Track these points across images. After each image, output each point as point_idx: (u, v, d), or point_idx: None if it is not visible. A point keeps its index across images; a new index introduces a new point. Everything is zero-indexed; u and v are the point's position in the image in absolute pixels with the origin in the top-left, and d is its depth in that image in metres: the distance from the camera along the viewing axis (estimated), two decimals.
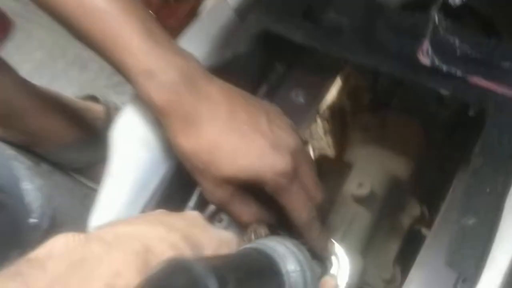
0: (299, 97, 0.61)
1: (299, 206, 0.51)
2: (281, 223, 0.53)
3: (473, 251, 0.41)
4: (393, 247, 0.65)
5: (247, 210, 0.52)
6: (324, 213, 0.57)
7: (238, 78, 0.52)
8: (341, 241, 0.59)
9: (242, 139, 0.49)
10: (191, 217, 0.43)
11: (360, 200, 0.61)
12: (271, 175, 0.48)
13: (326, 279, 0.51)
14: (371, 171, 0.62)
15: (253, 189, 0.50)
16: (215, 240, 0.41)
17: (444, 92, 0.46)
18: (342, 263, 0.54)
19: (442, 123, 0.62)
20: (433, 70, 0.46)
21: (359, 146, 0.64)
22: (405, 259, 0.68)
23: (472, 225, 0.41)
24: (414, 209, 0.65)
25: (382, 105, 0.67)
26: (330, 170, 0.65)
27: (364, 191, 0.60)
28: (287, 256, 0.38)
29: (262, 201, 0.52)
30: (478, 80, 0.46)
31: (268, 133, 0.49)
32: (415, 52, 0.47)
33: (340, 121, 0.74)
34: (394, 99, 0.66)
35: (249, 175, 0.48)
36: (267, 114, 0.51)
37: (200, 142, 0.48)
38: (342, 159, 0.66)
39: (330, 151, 0.76)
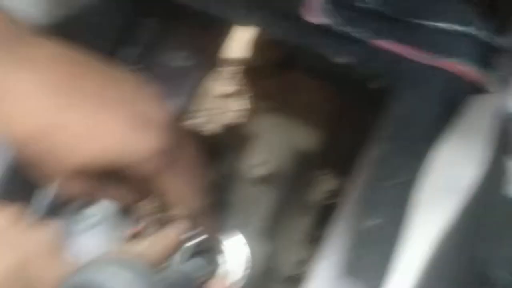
0: (179, 60, 0.50)
1: (182, 196, 0.43)
2: None
3: (377, 257, 0.34)
4: (305, 226, 0.59)
5: (118, 194, 0.43)
6: (215, 200, 0.49)
7: (89, 40, 0.40)
8: (241, 226, 0.53)
9: (90, 116, 0.37)
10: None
11: (262, 180, 0.53)
12: (137, 157, 0.38)
13: (216, 283, 0.44)
14: (275, 144, 0.55)
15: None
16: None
17: (340, 60, 0.37)
18: (239, 254, 0.47)
19: (353, 88, 0.54)
20: (326, 31, 0.37)
21: (261, 116, 0.56)
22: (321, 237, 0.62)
23: (377, 226, 0.34)
24: (326, 184, 0.58)
25: (288, 66, 0.58)
26: (228, 144, 0.56)
27: (266, 170, 0.52)
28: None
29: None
30: (384, 44, 0.37)
31: (127, 106, 0.39)
32: (302, 8, 0.38)
33: (244, 83, 0.65)
34: (300, 59, 0.57)
35: (110, 160, 0.38)
36: (123, 84, 0.40)
37: (38, 122, 0.37)
38: (243, 131, 0.57)
39: (227, 121, 0.67)
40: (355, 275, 0.35)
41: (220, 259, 0.48)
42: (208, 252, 0.48)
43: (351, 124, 0.58)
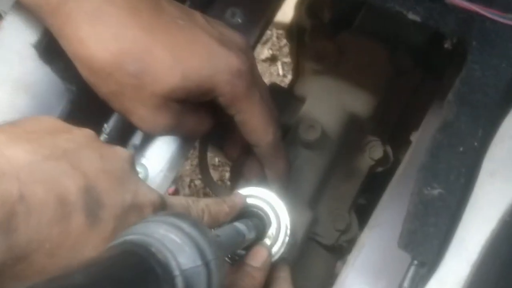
0: (235, 17, 0.48)
1: (263, 123, 0.41)
2: None
3: (435, 229, 0.32)
4: (349, 194, 0.56)
5: (201, 122, 0.41)
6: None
7: None
8: (285, 192, 0.51)
9: (179, 36, 0.36)
10: (107, 155, 0.30)
11: (309, 145, 0.51)
12: (227, 77, 0.37)
13: (257, 249, 0.43)
14: (325, 108, 0.52)
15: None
16: (122, 200, 0.30)
17: (413, 17, 0.34)
18: (282, 220, 0.46)
19: (413, 50, 0.50)
20: None
21: (312, 77, 0.53)
22: (365, 206, 0.60)
23: (437, 197, 0.32)
24: (376, 151, 0.55)
25: (343, 27, 0.54)
26: (277, 105, 0.54)
27: (314, 135, 0.50)
28: (180, 246, 0.28)
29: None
30: (458, 1, 0.33)
31: (210, 28, 0.37)
32: None
33: (297, 44, 0.62)
34: (357, 19, 0.53)
35: (199, 81, 0.36)
36: (198, 13, 0.38)
37: (122, 46, 0.34)
38: (293, 92, 0.55)
39: (279, 81, 0.65)
40: (408, 248, 0.32)
41: (265, 224, 0.46)
42: (256, 216, 0.47)
43: (406, 89, 0.54)
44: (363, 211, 0.56)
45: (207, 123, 0.42)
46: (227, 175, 1.25)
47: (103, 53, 0.34)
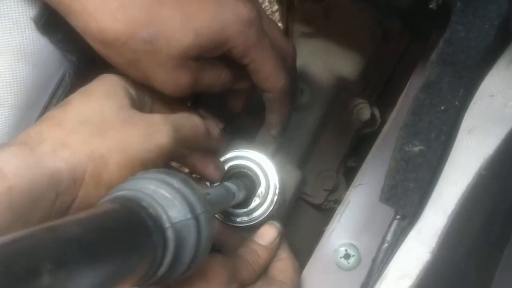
0: None
1: (275, 69, 0.42)
2: None
3: (416, 184, 0.33)
4: (337, 155, 0.58)
5: (218, 74, 0.42)
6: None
7: None
8: (275, 153, 0.52)
9: (182, 1, 0.36)
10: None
11: (298, 107, 0.52)
12: (238, 27, 0.37)
13: (266, 228, 0.44)
14: (313, 70, 0.53)
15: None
16: (123, 147, 0.33)
17: None
18: (272, 179, 0.47)
19: (400, 13, 0.51)
20: None
21: (301, 40, 0.54)
22: (354, 168, 0.62)
23: (417, 153, 0.33)
24: (363, 113, 0.56)
25: None
26: None
27: (303, 98, 0.51)
28: (171, 200, 0.29)
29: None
30: None
31: None
32: None
33: (286, 7, 0.62)
34: None
35: (212, 35, 0.37)
36: None
37: (131, 14, 0.34)
38: None
39: None
40: (389, 202, 0.34)
41: (254, 183, 0.48)
42: (245, 176, 0.48)
43: (393, 52, 0.55)
44: (351, 174, 0.57)
45: (224, 76, 0.42)
46: None
47: (114, 24, 0.34)
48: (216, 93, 0.44)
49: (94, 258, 0.22)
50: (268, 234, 0.43)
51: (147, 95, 0.41)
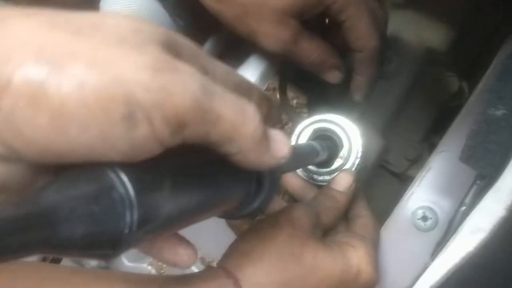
0: None
1: (370, 28, 0.45)
2: None
3: (497, 146, 0.35)
4: (423, 126, 0.59)
5: (314, 47, 0.45)
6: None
7: None
8: (359, 118, 0.54)
9: None
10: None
11: (385, 76, 0.54)
12: None
13: (342, 175, 0.47)
14: (402, 40, 0.54)
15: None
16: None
17: None
18: (355, 143, 0.50)
19: None
20: None
21: (391, 11, 0.55)
22: (437, 139, 0.62)
23: (500, 117, 0.35)
24: (451, 85, 0.57)
25: None
26: None
27: (390, 67, 0.53)
28: None
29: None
30: None
31: None
32: None
33: None
34: None
35: None
36: None
37: None
38: None
39: None
40: (469, 161, 0.36)
41: (337, 146, 0.50)
42: (329, 138, 0.51)
43: (486, 26, 0.55)
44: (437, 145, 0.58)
45: (319, 53, 0.46)
46: None
47: None
48: (305, 69, 0.48)
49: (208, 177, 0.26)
50: (344, 180, 0.45)
51: None
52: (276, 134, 0.28)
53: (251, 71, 0.50)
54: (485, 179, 0.35)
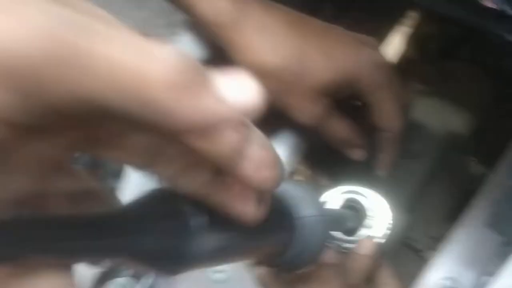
0: None
1: (398, 110, 0.48)
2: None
3: None
4: (445, 205, 0.61)
5: (343, 125, 0.49)
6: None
7: None
8: (386, 194, 0.57)
9: (327, 39, 0.45)
10: None
11: (414, 154, 0.58)
12: (370, 68, 0.45)
13: (365, 240, 0.48)
14: (427, 125, 0.59)
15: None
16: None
17: (510, 37, 0.40)
18: (384, 215, 0.52)
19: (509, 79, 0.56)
20: (501, 14, 0.41)
21: (419, 99, 0.60)
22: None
23: None
24: (472, 169, 0.60)
25: (446, 56, 0.62)
26: None
27: (415, 146, 0.57)
28: (304, 199, 0.36)
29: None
30: None
31: (345, 31, 0.47)
32: None
33: (403, 72, 0.70)
34: (462, 49, 0.60)
35: (348, 74, 0.45)
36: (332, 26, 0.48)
37: (287, 52, 0.44)
38: None
39: None
40: (495, 227, 0.38)
41: (367, 213, 0.52)
42: (357, 210, 0.53)
43: (503, 115, 0.60)
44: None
45: (348, 132, 0.50)
46: None
47: (274, 58, 0.44)
48: (331, 147, 0.51)
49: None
50: (368, 245, 0.47)
51: None
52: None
53: (284, 143, 0.54)
54: (510, 245, 0.38)
